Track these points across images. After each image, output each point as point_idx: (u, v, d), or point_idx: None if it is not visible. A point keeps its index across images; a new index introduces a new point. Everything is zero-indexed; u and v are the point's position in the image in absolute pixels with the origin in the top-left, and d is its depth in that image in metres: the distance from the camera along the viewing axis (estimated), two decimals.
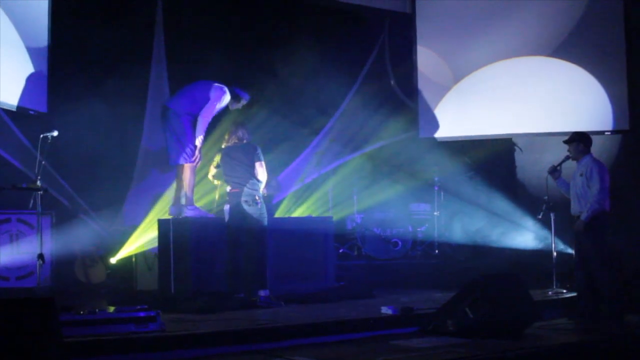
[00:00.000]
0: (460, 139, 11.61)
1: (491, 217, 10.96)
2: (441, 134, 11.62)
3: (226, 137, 8.27)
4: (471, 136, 11.49)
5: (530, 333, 6.63)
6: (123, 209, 10.51)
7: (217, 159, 8.39)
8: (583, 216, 7.52)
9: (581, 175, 7.65)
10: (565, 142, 7.91)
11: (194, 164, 8.46)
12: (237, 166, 8.06)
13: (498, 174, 11.62)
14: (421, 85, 11.76)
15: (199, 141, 8.41)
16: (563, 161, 8.00)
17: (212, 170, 8.56)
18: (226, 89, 8.58)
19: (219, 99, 8.51)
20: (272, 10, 11.52)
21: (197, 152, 8.43)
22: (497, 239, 10.75)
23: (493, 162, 11.68)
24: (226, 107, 8.73)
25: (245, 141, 8.18)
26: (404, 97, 12.27)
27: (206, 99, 8.44)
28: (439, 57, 11.74)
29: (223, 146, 8.27)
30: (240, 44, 11.17)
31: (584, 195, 7.61)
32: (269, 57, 11.25)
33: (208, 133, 8.77)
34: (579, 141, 7.80)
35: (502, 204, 10.98)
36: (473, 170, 11.61)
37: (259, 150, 8.13)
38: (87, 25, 9.93)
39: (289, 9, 11.64)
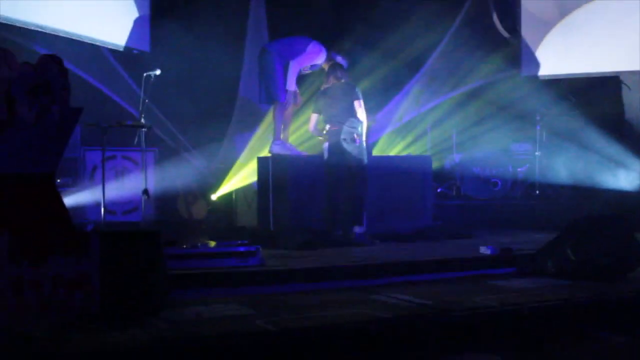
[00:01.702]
0: (564, 77, 11.23)
1: (595, 157, 10.60)
2: (544, 71, 11.28)
3: (324, 79, 8.30)
4: (576, 74, 11.11)
5: (633, 277, 6.44)
6: (222, 147, 10.70)
7: (320, 104, 8.32)
8: None
9: None
10: None
11: (284, 102, 8.52)
12: (336, 104, 8.07)
13: (604, 112, 11.19)
14: (524, 21, 11.42)
15: (290, 85, 8.49)
16: None
17: (313, 119, 8.42)
18: (325, 50, 8.66)
19: (315, 55, 8.62)
20: None
21: (289, 94, 8.50)
22: (601, 180, 10.41)
23: (599, 100, 11.25)
24: (321, 69, 8.75)
25: (343, 80, 8.17)
26: (506, 34, 11.91)
27: (302, 50, 8.58)
28: None
29: (321, 88, 8.30)
30: None
31: None
32: None
33: (302, 93, 8.86)
34: None
35: (607, 143, 10.61)
36: (577, 109, 11.22)
37: (358, 89, 8.10)
38: None
39: None
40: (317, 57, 8.65)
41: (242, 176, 9.39)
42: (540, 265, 6.55)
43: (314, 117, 8.34)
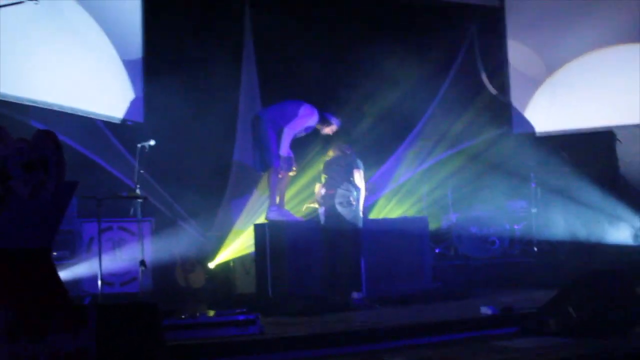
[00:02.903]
0: (556, 134, 11.30)
1: (592, 213, 10.59)
2: (536, 128, 11.34)
3: (330, 153, 8.45)
4: (568, 130, 11.18)
5: (637, 332, 6.37)
6: (218, 214, 10.68)
7: (322, 173, 8.44)
8: None
9: None
10: None
11: (278, 168, 8.56)
12: (334, 171, 8.21)
13: (598, 168, 11.23)
14: (513, 79, 11.54)
15: (283, 150, 8.56)
16: None
17: (317, 189, 8.50)
18: (316, 112, 8.79)
19: (307, 117, 8.73)
20: (358, 10, 11.49)
21: (283, 160, 8.56)
22: (599, 235, 10.40)
23: (592, 155, 11.30)
24: (316, 130, 8.87)
25: (348, 152, 8.29)
26: (496, 93, 12.03)
27: (294, 115, 8.69)
28: (531, 50, 11.50)
29: (325, 159, 8.42)
30: (328, 45, 11.21)
31: None
32: (357, 57, 11.25)
33: (299, 153, 8.96)
34: None
35: (602, 198, 10.62)
36: (571, 165, 11.26)
37: (359, 161, 8.28)
38: (178, 37, 10.18)
39: (374, 9, 11.59)
40: (309, 119, 8.74)
41: (239, 243, 9.36)
42: (542, 323, 6.48)
43: (318, 186, 8.43)
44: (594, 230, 10.49)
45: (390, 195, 11.28)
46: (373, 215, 10.42)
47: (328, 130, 8.90)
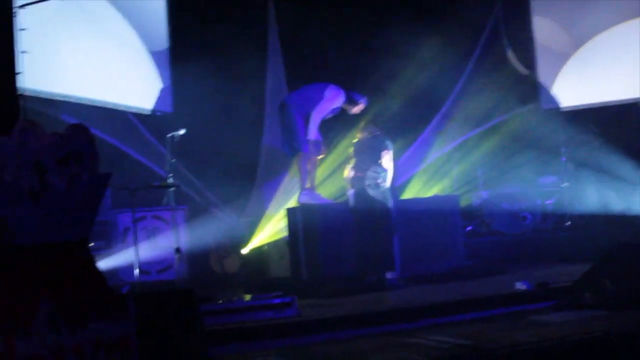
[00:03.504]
0: (585, 107, 11.16)
1: (624, 185, 10.46)
2: (564, 103, 11.23)
3: (358, 134, 8.40)
4: (596, 103, 11.04)
5: None
6: (250, 199, 10.73)
7: (351, 154, 8.40)
8: None
9: None
10: None
11: (307, 153, 8.54)
12: (363, 153, 8.19)
13: (628, 139, 11.08)
14: (540, 55, 11.43)
15: (312, 135, 8.54)
16: None
17: (347, 171, 8.48)
18: (342, 92, 8.70)
19: (333, 99, 8.67)
20: None
21: (311, 144, 8.53)
22: (632, 206, 10.26)
23: (621, 128, 11.15)
24: (343, 110, 8.81)
25: (377, 133, 8.24)
26: (522, 69, 11.90)
27: (320, 98, 8.63)
28: (557, 24, 11.35)
29: (354, 140, 8.38)
30: (352, 29, 11.16)
31: None
32: (382, 40, 11.18)
33: (329, 136, 8.91)
34: None
35: (634, 170, 10.48)
36: (601, 138, 11.12)
37: (388, 141, 8.24)
38: (202, 25, 10.19)
39: None
40: (335, 101, 8.69)
41: (271, 228, 9.39)
42: (578, 297, 6.42)
43: (347, 167, 8.39)
44: (626, 202, 10.36)
45: (420, 175, 11.23)
46: (405, 195, 10.39)
47: (356, 109, 8.85)
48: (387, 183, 8.09)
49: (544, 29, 11.43)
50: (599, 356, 5.02)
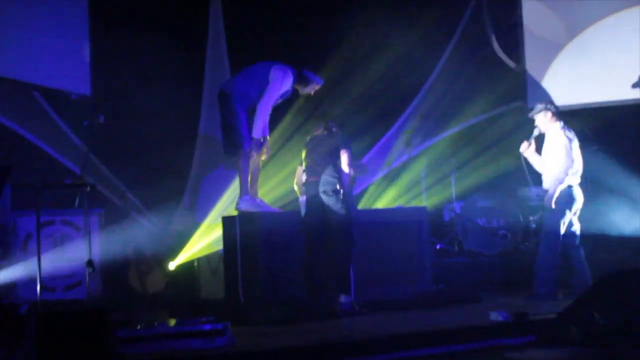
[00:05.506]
0: (578, 107, 11.34)
1: (620, 200, 10.64)
2: (556, 102, 11.38)
3: (313, 129, 8.38)
4: (592, 103, 11.24)
5: None
6: (180, 206, 10.68)
7: (303, 155, 8.37)
8: None
9: None
10: None
11: (247, 151, 8.45)
12: (317, 153, 8.13)
13: (626, 145, 11.28)
14: (528, 45, 11.58)
15: (257, 132, 8.42)
16: None
17: (298, 172, 8.45)
18: (290, 70, 8.54)
19: (281, 81, 8.49)
20: None
21: (255, 142, 8.44)
22: (628, 227, 10.45)
23: (620, 131, 11.36)
24: (295, 91, 8.74)
25: (334, 129, 8.24)
26: (508, 61, 12.05)
27: (264, 82, 8.46)
28: (549, 9, 11.52)
29: (307, 138, 8.35)
30: (306, 10, 11.18)
31: None
32: (341, 24, 11.20)
33: (277, 130, 8.88)
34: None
35: (632, 183, 10.67)
36: (596, 143, 11.30)
37: (347, 138, 8.22)
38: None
39: None
40: (283, 83, 8.50)
41: (205, 239, 9.35)
42: (563, 331, 6.52)
43: (299, 169, 8.35)
44: (625, 222, 10.54)
45: (382, 182, 11.30)
46: (363, 204, 10.44)
47: (309, 89, 8.76)
48: (346, 189, 8.10)
49: (534, 14, 11.59)
50: None
